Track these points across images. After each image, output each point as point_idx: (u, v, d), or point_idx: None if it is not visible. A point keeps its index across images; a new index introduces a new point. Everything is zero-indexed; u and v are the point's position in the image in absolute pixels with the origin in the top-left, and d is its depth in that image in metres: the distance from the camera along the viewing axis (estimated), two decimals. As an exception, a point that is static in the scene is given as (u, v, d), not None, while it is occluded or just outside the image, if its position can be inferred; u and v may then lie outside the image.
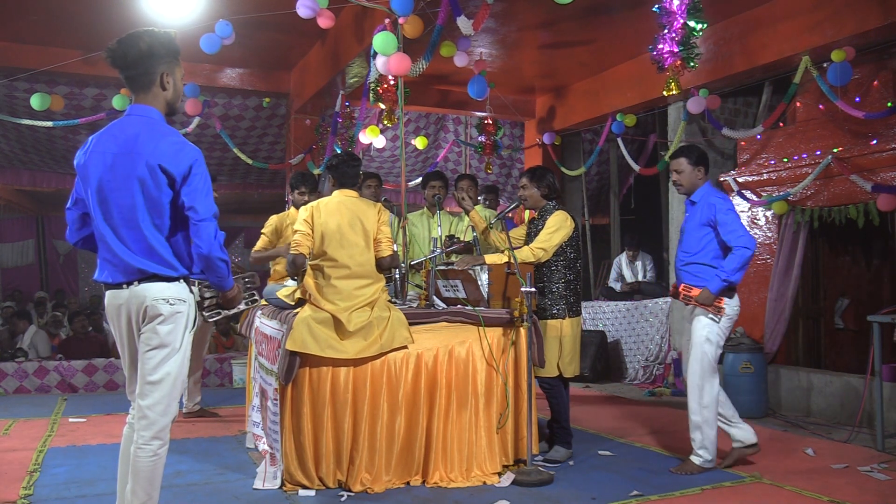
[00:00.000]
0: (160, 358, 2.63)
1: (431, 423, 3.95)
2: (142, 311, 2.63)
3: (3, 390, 6.87)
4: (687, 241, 4.15)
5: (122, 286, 2.64)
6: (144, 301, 2.61)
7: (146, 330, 2.64)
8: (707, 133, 7.36)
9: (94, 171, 2.63)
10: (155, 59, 2.63)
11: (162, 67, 2.65)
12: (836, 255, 6.80)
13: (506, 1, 5.78)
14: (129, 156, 2.59)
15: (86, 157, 2.66)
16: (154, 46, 2.62)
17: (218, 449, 4.70)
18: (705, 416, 3.99)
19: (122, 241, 2.62)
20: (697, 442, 4.04)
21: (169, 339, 2.63)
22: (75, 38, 6.87)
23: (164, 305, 2.62)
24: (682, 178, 4.16)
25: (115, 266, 2.64)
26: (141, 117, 2.66)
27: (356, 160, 4.22)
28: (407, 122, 9.24)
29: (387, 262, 4.02)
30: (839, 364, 6.58)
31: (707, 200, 4.07)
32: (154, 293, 2.62)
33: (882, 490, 3.83)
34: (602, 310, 8.10)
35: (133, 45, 2.60)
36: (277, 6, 5.76)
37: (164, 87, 2.68)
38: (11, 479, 3.97)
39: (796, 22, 5.70)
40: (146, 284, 2.62)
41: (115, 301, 2.67)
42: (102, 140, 2.66)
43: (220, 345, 8.21)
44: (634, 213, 10.23)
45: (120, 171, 2.60)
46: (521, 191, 4.51)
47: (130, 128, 2.64)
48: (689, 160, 4.13)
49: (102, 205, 2.63)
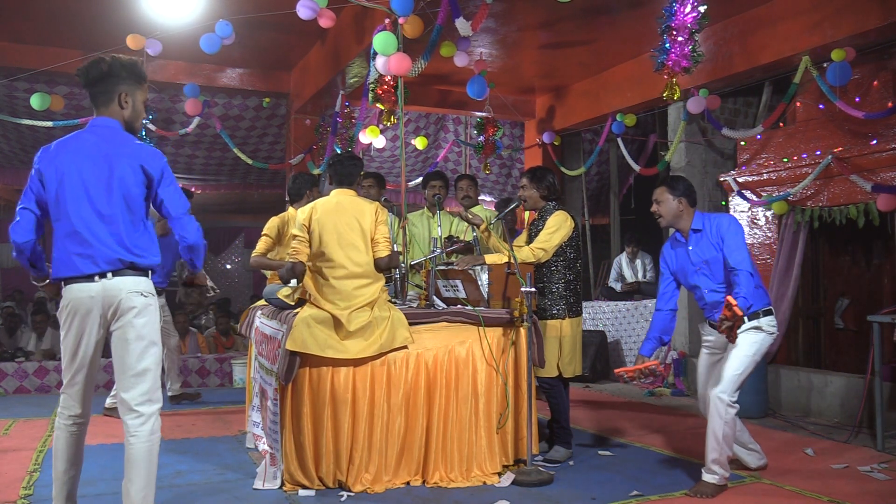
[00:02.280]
0: (140, 349, 2.79)
1: (431, 423, 3.95)
2: (115, 305, 2.77)
3: (3, 390, 6.87)
4: (714, 273, 3.83)
5: (93, 278, 2.76)
6: (119, 294, 2.77)
7: (121, 323, 2.78)
8: (707, 133, 7.36)
9: (67, 170, 2.80)
10: (115, 78, 2.86)
11: (122, 88, 2.88)
12: (836, 255, 6.80)
13: (506, 1, 5.78)
14: (108, 156, 2.80)
15: (53, 159, 2.83)
16: (115, 68, 2.85)
17: (218, 449, 4.70)
18: (725, 432, 3.70)
19: (98, 234, 2.78)
20: (712, 457, 3.73)
21: (145, 331, 2.81)
22: (75, 38, 6.88)
23: (138, 298, 2.80)
24: (663, 208, 3.90)
25: (87, 257, 2.77)
26: (106, 127, 2.88)
27: (355, 159, 4.22)
28: (407, 122, 9.24)
29: (384, 263, 3.99)
30: (839, 364, 6.58)
31: (713, 221, 3.86)
32: (129, 286, 2.78)
33: (882, 490, 3.83)
34: (602, 310, 8.11)
35: (96, 65, 2.85)
36: (277, 6, 5.76)
37: (122, 105, 2.89)
38: (11, 479, 3.96)
39: (796, 22, 5.70)
40: (120, 278, 2.78)
41: (83, 294, 2.77)
42: (70, 144, 2.85)
43: (220, 345, 8.21)
44: (634, 213, 10.23)
45: (99, 170, 2.79)
46: (520, 191, 4.51)
47: (99, 134, 2.86)
48: (672, 191, 3.88)
49: (76, 202, 2.78)
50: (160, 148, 8.47)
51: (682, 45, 4.58)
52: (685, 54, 4.58)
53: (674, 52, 4.62)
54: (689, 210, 3.91)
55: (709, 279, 3.87)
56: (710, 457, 3.70)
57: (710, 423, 3.72)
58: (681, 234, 3.97)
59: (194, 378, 7.25)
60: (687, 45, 4.58)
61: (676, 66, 4.62)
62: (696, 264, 3.89)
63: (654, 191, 3.99)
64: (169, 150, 9.07)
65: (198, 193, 10.63)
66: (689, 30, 4.58)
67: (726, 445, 3.68)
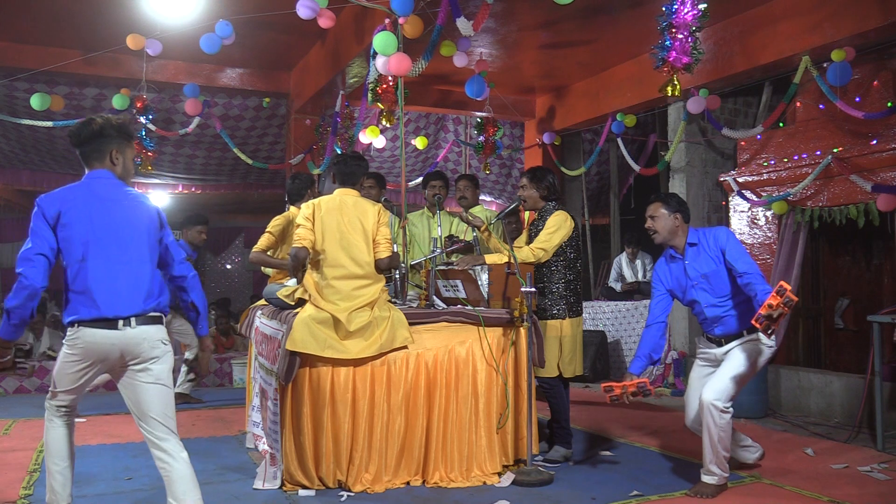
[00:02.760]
0: (158, 392, 2.85)
1: (431, 423, 3.95)
2: (135, 352, 2.81)
3: (3, 390, 6.87)
4: (714, 288, 3.79)
5: (116, 324, 2.77)
6: (141, 343, 2.81)
7: (140, 368, 2.84)
8: (707, 133, 7.36)
9: (88, 215, 2.80)
10: (105, 138, 2.90)
11: (112, 146, 2.92)
12: (836, 255, 6.80)
13: (506, 1, 5.78)
14: (125, 203, 2.88)
15: (68, 203, 2.80)
16: (105, 128, 2.90)
17: (218, 449, 4.70)
18: (721, 436, 3.67)
19: (124, 279, 2.81)
20: (710, 459, 3.72)
21: (163, 376, 2.88)
22: (75, 38, 6.87)
23: (160, 347, 2.87)
24: (658, 224, 3.88)
25: (113, 303, 2.77)
26: (107, 179, 2.91)
27: (359, 159, 4.21)
28: (407, 122, 9.24)
29: (384, 264, 3.99)
30: (839, 364, 6.58)
31: (708, 235, 3.86)
32: (152, 335, 2.84)
33: (882, 490, 3.82)
34: (602, 310, 8.11)
35: (87, 125, 2.90)
36: (277, 6, 5.76)
37: (113, 162, 2.93)
38: (11, 479, 3.97)
39: (796, 22, 5.70)
40: (144, 327, 2.82)
41: (103, 340, 2.77)
42: (80, 191, 2.85)
43: (220, 345, 8.21)
44: (634, 213, 10.22)
45: (120, 216, 2.85)
46: (520, 191, 4.50)
47: (105, 184, 2.89)
48: (667, 207, 3.87)
49: (101, 246, 2.79)
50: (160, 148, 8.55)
51: (682, 42, 4.58)
52: (686, 51, 4.57)
53: (674, 49, 4.61)
54: (684, 226, 3.91)
55: (708, 294, 3.84)
56: (707, 459, 3.69)
57: (704, 431, 3.68)
58: (675, 250, 3.94)
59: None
60: (688, 42, 4.58)
61: (677, 62, 4.62)
62: (693, 279, 3.87)
63: (646, 207, 3.97)
64: (169, 150, 9.07)
65: (198, 193, 10.66)
66: (690, 27, 4.58)
67: (723, 448, 3.67)
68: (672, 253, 3.96)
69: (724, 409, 3.64)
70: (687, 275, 3.88)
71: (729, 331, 3.83)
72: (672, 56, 4.61)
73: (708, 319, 3.88)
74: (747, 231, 6.71)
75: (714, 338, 3.91)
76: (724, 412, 3.64)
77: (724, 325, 3.84)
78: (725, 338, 3.85)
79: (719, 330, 3.86)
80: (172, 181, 10.05)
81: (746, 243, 6.67)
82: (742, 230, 6.75)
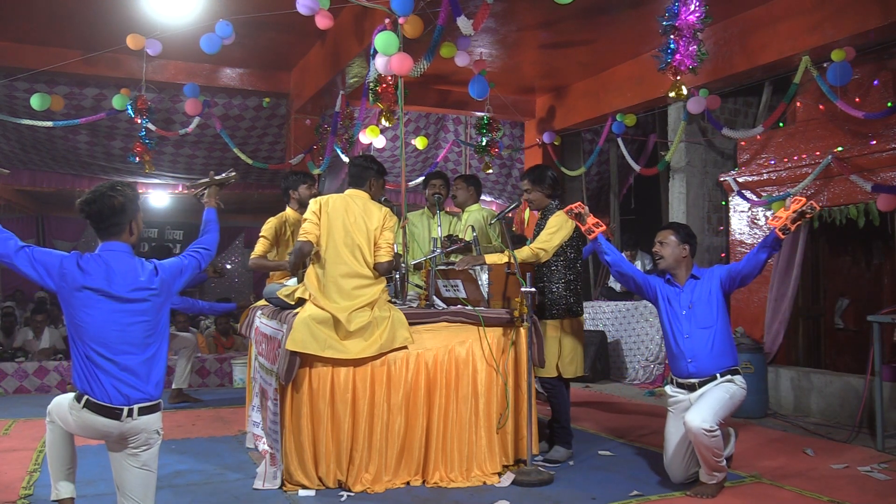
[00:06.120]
0: (143, 477, 2.88)
1: (431, 423, 3.95)
2: (131, 437, 2.83)
3: (3, 390, 6.87)
4: (696, 317, 3.86)
5: (119, 414, 2.77)
6: (139, 433, 2.83)
7: (131, 452, 2.86)
8: (707, 133, 7.36)
9: (108, 289, 2.78)
10: (127, 213, 2.89)
11: (130, 217, 2.91)
12: (836, 255, 6.80)
13: (506, 1, 5.78)
14: (140, 289, 2.83)
15: (94, 278, 2.78)
16: (125, 204, 2.87)
17: (218, 449, 4.70)
18: (714, 447, 3.66)
19: (136, 369, 2.81)
20: (707, 467, 3.74)
21: (150, 462, 2.90)
22: (75, 38, 6.87)
23: (155, 436, 2.90)
24: (665, 250, 3.97)
25: (123, 392, 2.78)
26: (122, 252, 2.88)
27: (368, 161, 4.20)
28: (407, 122, 9.24)
29: (383, 268, 3.98)
30: (839, 364, 6.59)
31: (709, 271, 3.95)
32: (151, 424, 2.86)
33: (882, 490, 3.83)
34: (602, 310, 8.11)
35: (108, 199, 2.84)
36: (277, 6, 5.76)
37: (131, 232, 2.94)
38: (11, 479, 3.97)
39: (796, 22, 5.70)
40: (145, 417, 2.82)
41: (104, 427, 2.79)
42: (98, 263, 2.81)
43: (220, 345, 8.21)
44: (634, 213, 10.23)
45: (137, 303, 2.82)
46: (525, 194, 4.51)
47: (119, 257, 2.86)
48: (677, 235, 3.97)
49: (116, 331, 2.78)
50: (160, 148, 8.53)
51: (686, 45, 4.58)
52: (690, 53, 4.58)
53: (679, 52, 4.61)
54: (689, 260, 4.00)
55: (688, 323, 3.87)
56: (704, 465, 3.69)
57: (697, 449, 3.65)
58: (675, 279, 3.99)
59: (194, 378, 7.24)
60: (692, 45, 4.58)
61: (682, 65, 4.62)
62: (682, 307, 3.92)
63: (658, 232, 4.04)
64: (169, 150, 9.06)
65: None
66: (693, 29, 4.58)
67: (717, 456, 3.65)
68: (670, 278, 4.01)
69: (711, 432, 3.57)
70: (679, 301, 3.93)
71: (702, 371, 3.81)
72: (676, 60, 4.61)
73: (677, 353, 3.88)
74: (747, 231, 6.71)
75: (685, 381, 3.89)
76: (712, 434, 3.57)
77: (697, 364, 3.82)
78: (699, 381, 3.82)
79: (693, 367, 3.83)
80: (172, 181, 10.04)
81: (746, 243, 6.67)
82: (742, 230, 6.75)
